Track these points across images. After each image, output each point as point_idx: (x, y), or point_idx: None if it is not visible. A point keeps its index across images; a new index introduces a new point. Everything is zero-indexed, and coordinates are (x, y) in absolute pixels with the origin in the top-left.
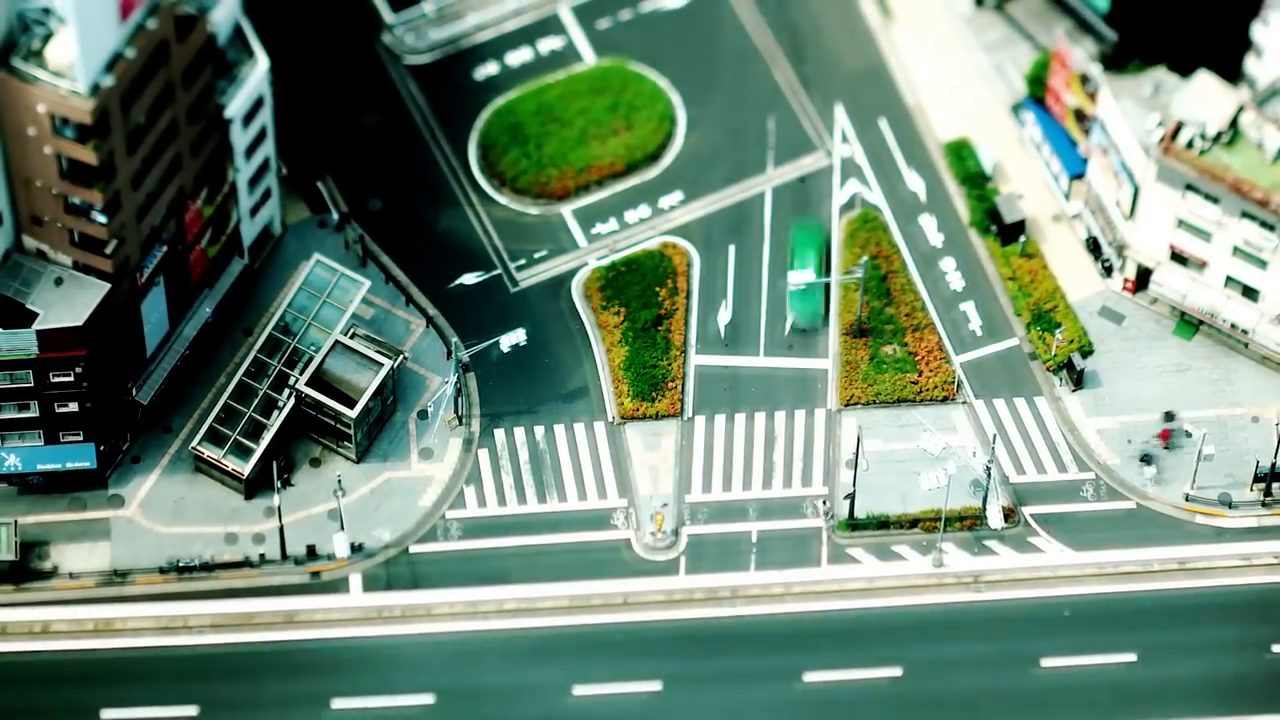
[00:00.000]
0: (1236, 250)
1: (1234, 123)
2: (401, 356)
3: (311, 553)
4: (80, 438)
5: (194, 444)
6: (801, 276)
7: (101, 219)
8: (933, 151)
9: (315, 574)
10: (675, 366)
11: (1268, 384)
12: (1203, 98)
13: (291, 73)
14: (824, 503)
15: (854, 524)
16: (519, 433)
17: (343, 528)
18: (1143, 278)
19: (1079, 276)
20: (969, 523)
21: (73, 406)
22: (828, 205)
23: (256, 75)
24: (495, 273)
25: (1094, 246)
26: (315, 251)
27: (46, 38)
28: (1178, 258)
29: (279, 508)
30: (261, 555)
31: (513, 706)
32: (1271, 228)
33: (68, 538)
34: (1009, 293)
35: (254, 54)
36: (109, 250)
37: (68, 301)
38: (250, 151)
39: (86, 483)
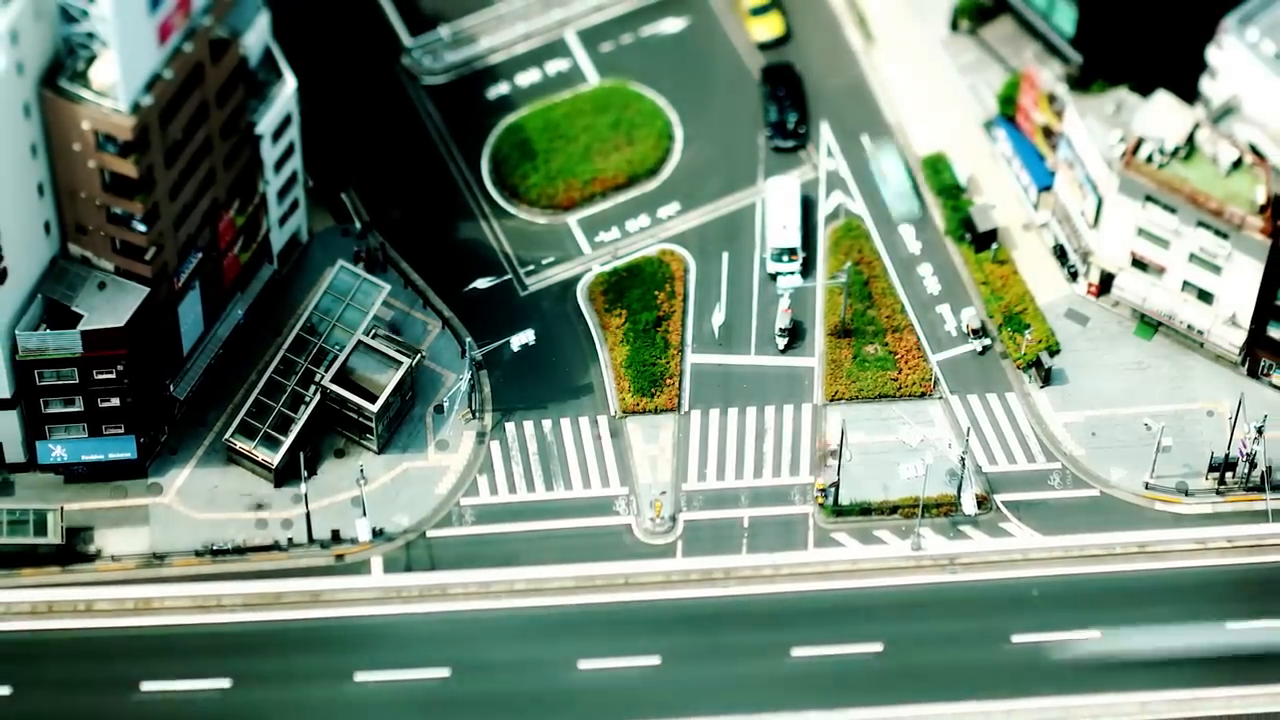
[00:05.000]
0: (1193, 257)
1: (1190, 139)
2: (419, 355)
3: (336, 537)
4: (121, 430)
5: (227, 436)
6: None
7: (141, 228)
8: (912, 165)
9: (339, 557)
10: (673, 364)
11: (1221, 380)
12: (1161, 115)
13: (318, 93)
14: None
15: (838, 510)
16: (528, 426)
17: (365, 514)
18: (1106, 282)
19: (1047, 281)
20: (945, 509)
21: (114, 401)
22: (814, 215)
23: (285, 94)
24: (506, 278)
25: (1061, 253)
26: (339, 258)
27: (90, 60)
28: (1138, 264)
29: (306, 495)
30: (290, 539)
31: (522, 679)
32: (1225, 236)
33: (110, 523)
34: (982, 296)
35: (283, 75)
36: (148, 257)
37: (110, 304)
38: (279, 165)
39: (127, 472)
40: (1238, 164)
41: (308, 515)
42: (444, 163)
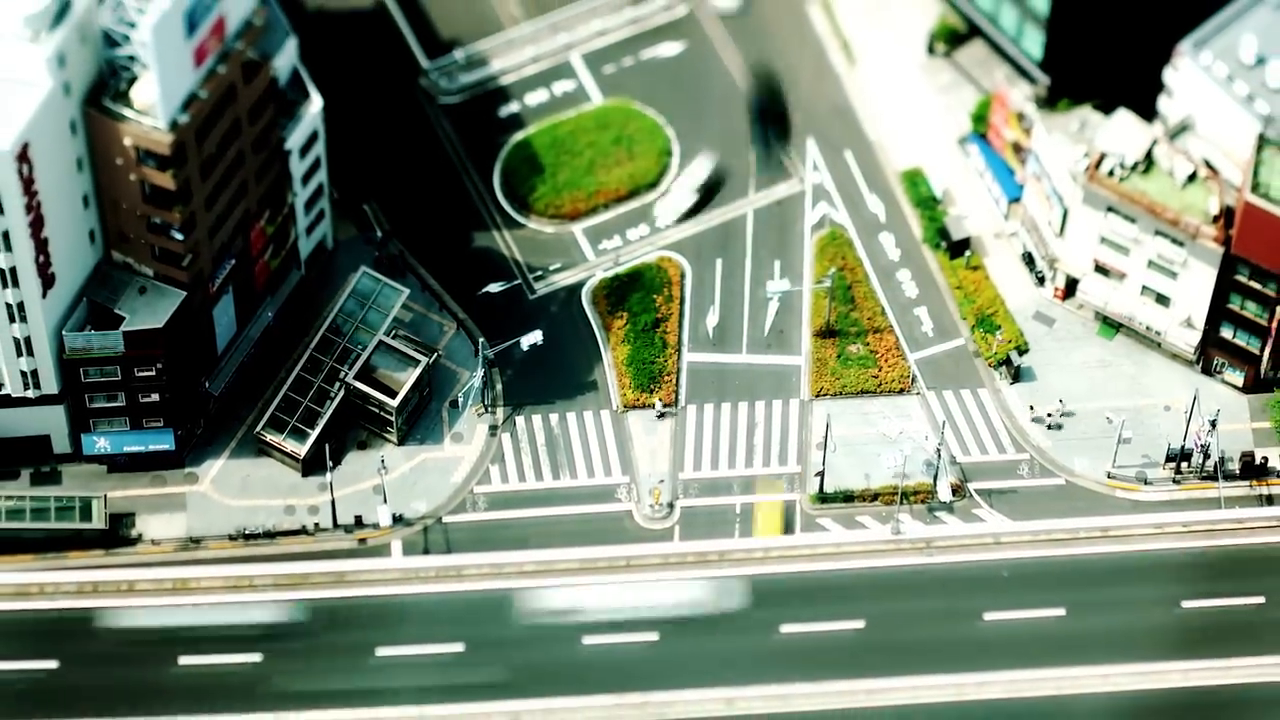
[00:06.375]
0: (1151, 263)
1: (1149, 154)
2: (436, 354)
3: (359, 522)
4: (160, 424)
5: (258, 429)
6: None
7: (179, 236)
8: (891, 179)
9: (362, 540)
10: (670, 363)
11: (1177, 377)
12: (1122, 132)
13: (342, 111)
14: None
15: (823, 497)
16: (536, 419)
17: (386, 501)
18: (1071, 286)
19: (1016, 285)
20: (922, 496)
21: (154, 397)
22: (801, 225)
23: (312, 113)
24: (516, 282)
25: (1029, 260)
26: (362, 264)
27: (132, 81)
28: (1101, 269)
29: (331, 484)
30: (316, 524)
31: (531, 654)
32: (1181, 244)
33: (150, 509)
34: (956, 299)
35: (310, 95)
36: (185, 263)
37: (150, 307)
38: (306, 178)
39: (166, 462)
40: (1193, 177)
41: (333, 502)
42: (459, 176)
